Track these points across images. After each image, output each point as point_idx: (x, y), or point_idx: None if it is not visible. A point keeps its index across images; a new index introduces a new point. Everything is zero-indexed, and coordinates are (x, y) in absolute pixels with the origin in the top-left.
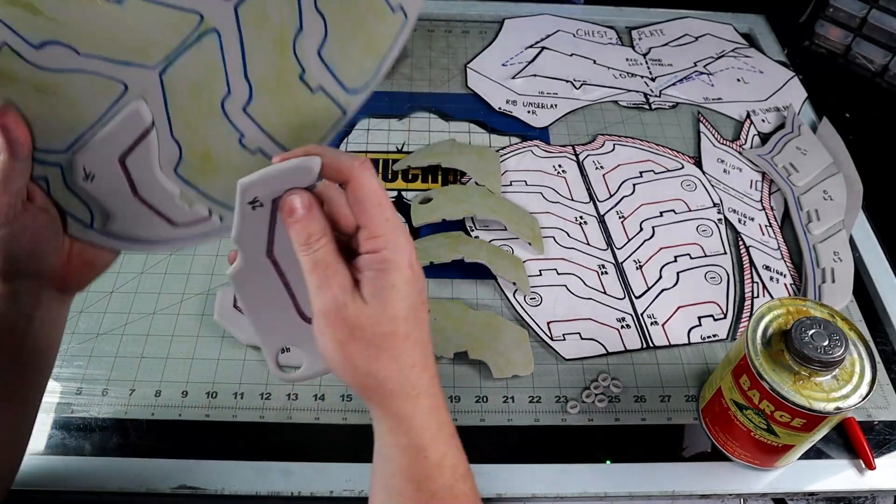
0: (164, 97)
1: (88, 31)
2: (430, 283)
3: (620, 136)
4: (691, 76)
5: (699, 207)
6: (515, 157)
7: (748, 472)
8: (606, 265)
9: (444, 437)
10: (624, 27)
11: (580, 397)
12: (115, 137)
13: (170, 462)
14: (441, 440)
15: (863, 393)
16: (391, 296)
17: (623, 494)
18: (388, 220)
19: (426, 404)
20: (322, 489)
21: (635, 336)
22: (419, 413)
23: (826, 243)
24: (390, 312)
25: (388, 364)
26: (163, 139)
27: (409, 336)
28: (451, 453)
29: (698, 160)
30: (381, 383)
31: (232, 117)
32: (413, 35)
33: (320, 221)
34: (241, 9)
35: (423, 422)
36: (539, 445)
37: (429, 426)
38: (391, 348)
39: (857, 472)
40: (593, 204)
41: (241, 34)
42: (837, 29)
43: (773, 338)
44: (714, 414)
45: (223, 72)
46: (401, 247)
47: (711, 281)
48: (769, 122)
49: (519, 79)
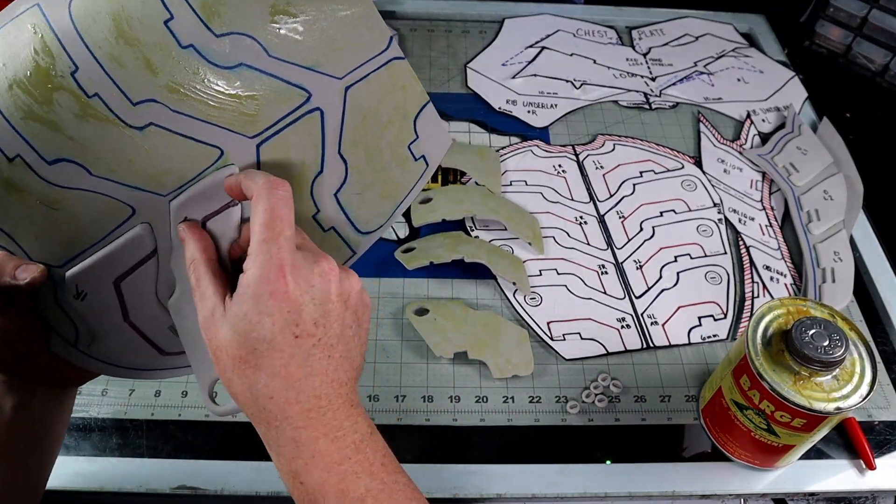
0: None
1: (105, 153)
2: (430, 283)
3: (620, 135)
4: (691, 76)
5: (699, 207)
6: (515, 157)
7: (748, 472)
8: (606, 265)
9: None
10: (624, 27)
11: (580, 397)
12: (114, 259)
13: (170, 462)
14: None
15: (863, 393)
16: (245, 324)
17: (623, 494)
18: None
19: (289, 436)
20: None
21: (635, 336)
22: (282, 442)
23: (826, 243)
24: (240, 340)
25: (243, 389)
26: (163, 266)
27: (259, 366)
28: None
29: (698, 160)
30: (241, 402)
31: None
32: (413, 35)
33: (200, 242)
34: (263, 147)
35: (288, 452)
36: (539, 445)
37: (297, 455)
38: (244, 374)
39: (858, 473)
40: (593, 204)
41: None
42: (838, 29)
43: (774, 338)
44: (714, 414)
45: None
46: (267, 275)
47: (712, 281)
48: (769, 122)
49: (519, 79)
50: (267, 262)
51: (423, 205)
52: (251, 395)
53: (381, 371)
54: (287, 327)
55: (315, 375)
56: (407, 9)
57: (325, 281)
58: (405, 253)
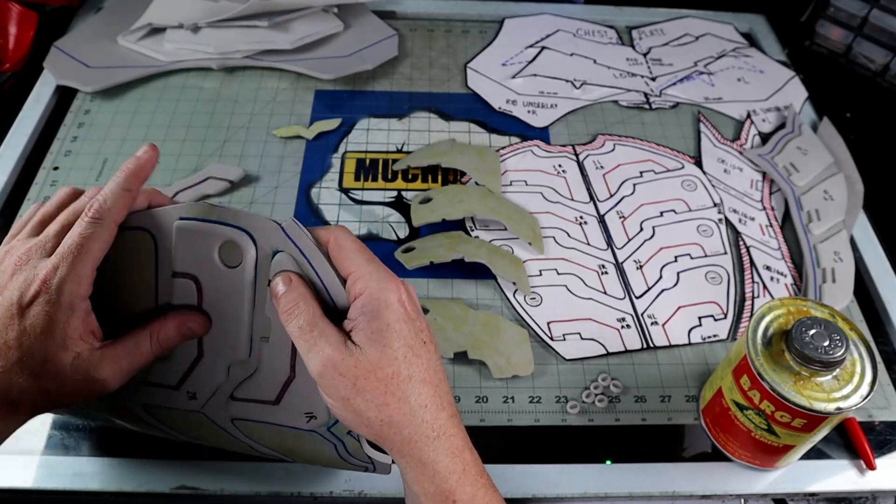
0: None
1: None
2: (430, 283)
3: (620, 135)
4: (692, 76)
5: (699, 207)
6: (515, 157)
7: (748, 472)
8: (606, 265)
9: (471, 477)
10: (624, 27)
11: (580, 397)
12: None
13: (170, 462)
14: (468, 482)
15: (863, 393)
16: (387, 336)
17: (623, 494)
18: (370, 260)
19: (447, 446)
20: (322, 489)
21: (635, 336)
22: (441, 456)
23: (827, 243)
24: (389, 354)
25: (399, 407)
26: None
27: (411, 377)
28: (481, 493)
29: (699, 160)
30: (396, 429)
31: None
32: (413, 35)
33: (298, 290)
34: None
35: (447, 465)
36: (539, 445)
37: (454, 469)
38: (396, 391)
39: (858, 473)
40: (593, 204)
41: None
42: (838, 29)
43: (774, 338)
44: (714, 414)
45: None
46: (389, 286)
47: (712, 281)
48: (770, 122)
49: (519, 78)
50: (382, 277)
51: (423, 205)
52: (409, 410)
53: None
54: (416, 332)
55: (444, 381)
56: (407, 9)
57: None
58: (405, 253)
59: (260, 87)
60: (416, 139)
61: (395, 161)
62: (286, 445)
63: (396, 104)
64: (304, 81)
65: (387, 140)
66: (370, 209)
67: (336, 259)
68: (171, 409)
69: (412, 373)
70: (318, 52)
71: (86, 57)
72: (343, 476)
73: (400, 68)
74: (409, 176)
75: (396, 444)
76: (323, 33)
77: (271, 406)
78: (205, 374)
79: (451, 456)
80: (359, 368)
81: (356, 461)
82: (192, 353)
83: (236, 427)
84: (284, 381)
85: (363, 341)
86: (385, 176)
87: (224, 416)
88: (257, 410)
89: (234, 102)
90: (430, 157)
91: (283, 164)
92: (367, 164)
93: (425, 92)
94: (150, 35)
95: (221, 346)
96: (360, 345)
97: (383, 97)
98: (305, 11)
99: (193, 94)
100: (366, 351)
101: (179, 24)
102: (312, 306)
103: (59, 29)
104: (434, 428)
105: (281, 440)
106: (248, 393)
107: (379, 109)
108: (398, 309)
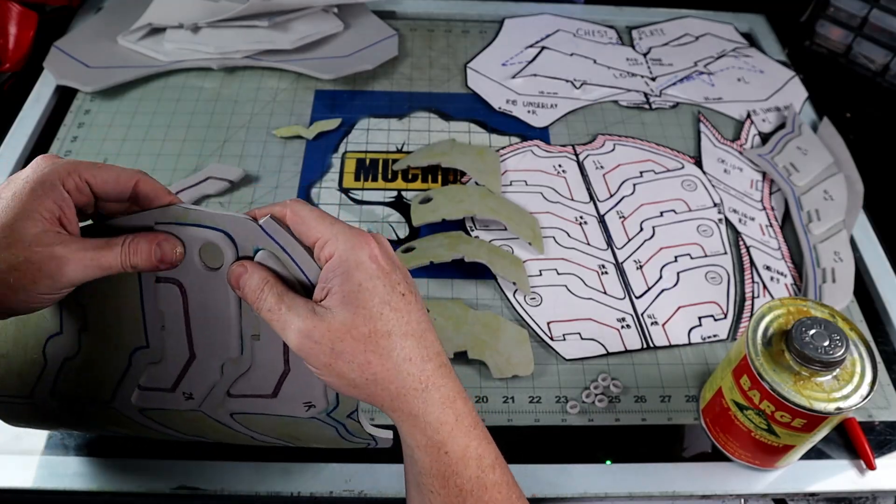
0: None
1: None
2: (430, 283)
3: (620, 135)
4: (692, 76)
5: (699, 207)
6: (515, 157)
7: (748, 472)
8: (606, 265)
9: (464, 428)
10: (624, 27)
11: (580, 397)
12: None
13: (170, 462)
14: (460, 433)
15: (863, 393)
16: (359, 297)
17: (623, 494)
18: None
19: (436, 397)
20: (322, 489)
21: (635, 336)
22: (431, 408)
23: (827, 243)
24: (363, 314)
25: (382, 364)
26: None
27: (391, 332)
28: (473, 444)
29: (699, 160)
30: (382, 386)
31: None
32: (413, 35)
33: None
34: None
35: (438, 416)
36: (539, 445)
37: (445, 420)
38: (377, 348)
39: (858, 473)
40: (593, 204)
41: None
42: (838, 28)
43: (774, 338)
44: (714, 414)
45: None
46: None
47: (712, 281)
48: (770, 122)
49: (519, 78)
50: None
51: (423, 205)
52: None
53: None
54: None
55: (429, 331)
56: (407, 9)
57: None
58: (405, 253)
59: (260, 87)
60: (416, 139)
61: (395, 161)
62: (287, 432)
63: (396, 104)
64: (304, 81)
65: (387, 140)
66: (370, 209)
67: (298, 231)
68: (169, 410)
69: (391, 328)
70: (318, 52)
71: (86, 57)
72: (343, 476)
73: (400, 68)
74: (409, 176)
75: (386, 401)
76: (323, 33)
77: (269, 399)
78: (199, 374)
79: (442, 406)
80: (332, 332)
81: (358, 439)
82: (184, 355)
83: (236, 421)
84: (280, 375)
85: (335, 305)
86: (385, 176)
87: (223, 412)
88: (255, 404)
89: (234, 102)
90: (430, 157)
91: (283, 164)
92: (367, 164)
93: (425, 92)
94: (150, 35)
95: (213, 346)
96: (332, 309)
97: (383, 97)
98: (305, 11)
99: (193, 94)
100: (337, 314)
101: (179, 24)
102: (276, 285)
103: (59, 29)
104: (421, 380)
105: (282, 428)
106: (245, 389)
107: (379, 109)
108: (370, 266)
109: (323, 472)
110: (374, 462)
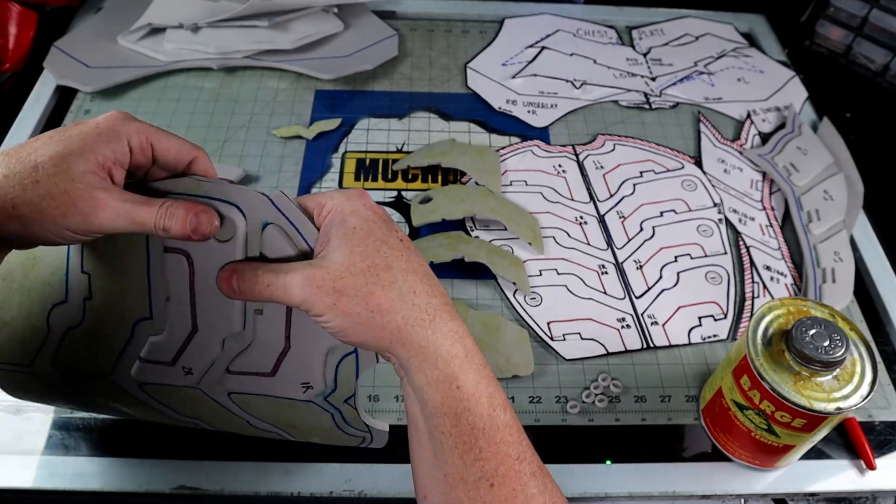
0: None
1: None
2: None
3: (620, 135)
4: (692, 76)
5: (699, 207)
6: (515, 157)
7: (749, 472)
8: (606, 265)
9: (475, 365)
10: (624, 27)
11: (580, 397)
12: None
13: (170, 462)
14: (471, 368)
15: (863, 393)
16: (354, 236)
17: (623, 494)
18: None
19: (445, 329)
20: (322, 489)
21: (635, 336)
22: (441, 339)
23: (827, 243)
24: (359, 251)
25: (386, 294)
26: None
27: (391, 266)
28: (484, 383)
29: (699, 160)
30: (389, 317)
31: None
32: (413, 35)
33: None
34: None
35: (448, 349)
36: (539, 445)
37: (455, 353)
38: (379, 280)
39: (858, 473)
40: (593, 204)
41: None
42: (838, 28)
43: (774, 338)
44: (714, 414)
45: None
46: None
47: (712, 281)
48: (770, 122)
49: (519, 78)
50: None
51: (423, 205)
52: (396, 295)
53: (382, 371)
54: (389, 230)
55: (432, 274)
56: (407, 9)
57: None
58: None
59: (260, 87)
60: (416, 139)
61: (395, 161)
62: (283, 418)
63: (396, 104)
64: (304, 81)
65: (387, 140)
66: None
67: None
68: (168, 385)
69: (391, 263)
70: (318, 52)
71: (86, 57)
72: (343, 476)
73: (400, 68)
74: (409, 176)
75: (395, 334)
76: (323, 33)
77: (267, 378)
78: (200, 348)
79: (452, 340)
80: (332, 273)
81: (354, 431)
82: (186, 328)
83: (233, 401)
84: (280, 353)
85: (332, 249)
86: (385, 176)
87: (220, 391)
88: (254, 383)
89: (234, 102)
90: (430, 157)
91: (283, 164)
92: (367, 164)
93: (425, 92)
94: (150, 35)
95: (215, 320)
96: (329, 254)
97: (383, 97)
98: (305, 11)
99: (193, 94)
100: (334, 256)
101: (179, 24)
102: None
103: (59, 29)
104: (428, 312)
105: (278, 412)
106: (244, 366)
107: (379, 109)
108: (365, 212)
109: (323, 472)
110: (374, 462)
